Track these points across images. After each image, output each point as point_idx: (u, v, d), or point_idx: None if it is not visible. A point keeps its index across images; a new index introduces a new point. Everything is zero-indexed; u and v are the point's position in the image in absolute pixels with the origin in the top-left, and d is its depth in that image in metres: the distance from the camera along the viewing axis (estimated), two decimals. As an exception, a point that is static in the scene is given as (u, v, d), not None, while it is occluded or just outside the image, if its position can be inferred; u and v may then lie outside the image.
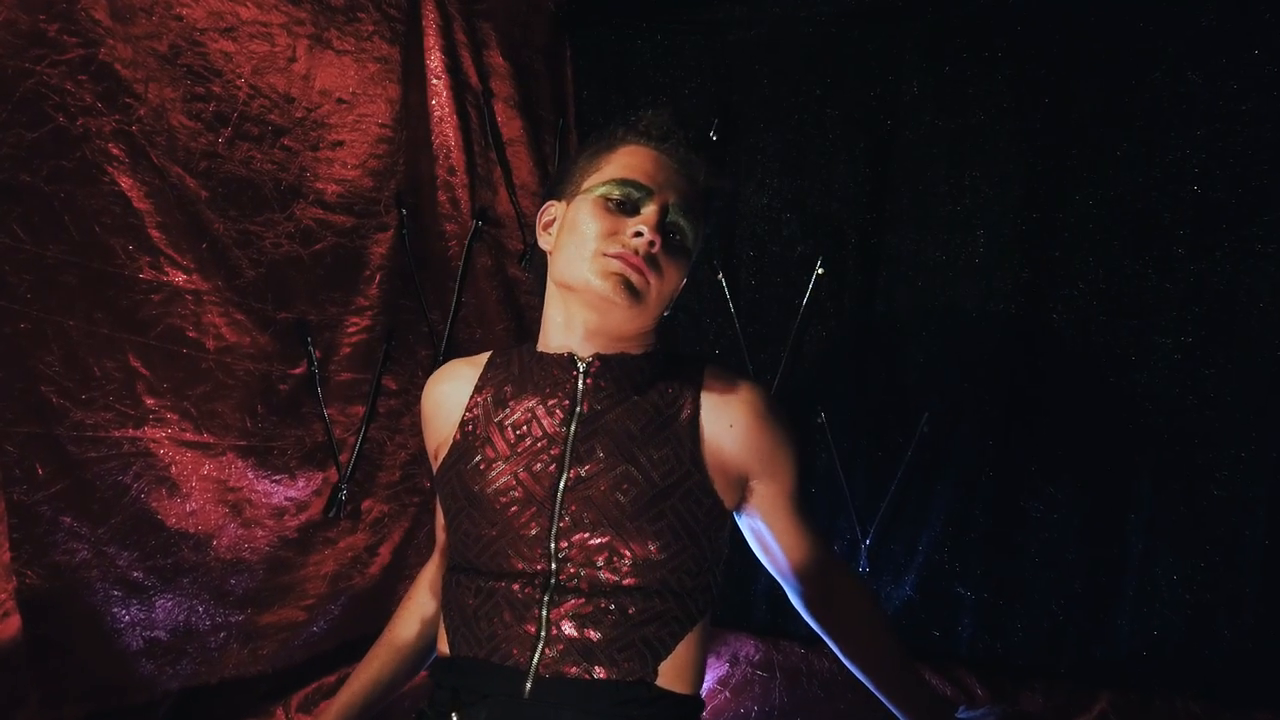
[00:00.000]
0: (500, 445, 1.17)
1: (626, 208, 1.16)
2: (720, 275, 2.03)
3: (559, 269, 1.19)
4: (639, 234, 1.12)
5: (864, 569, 1.90)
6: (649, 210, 1.15)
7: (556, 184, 1.29)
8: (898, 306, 1.91)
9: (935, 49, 1.86)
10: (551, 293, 1.24)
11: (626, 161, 1.19)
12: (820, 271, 1.94)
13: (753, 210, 2.03)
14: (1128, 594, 1.74)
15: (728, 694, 1.80)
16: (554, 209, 1.26)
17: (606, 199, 1.16)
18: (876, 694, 1.32)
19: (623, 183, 1.16)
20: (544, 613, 1.09)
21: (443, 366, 1.34)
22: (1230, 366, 1.66)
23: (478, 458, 1.18)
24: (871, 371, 1.92)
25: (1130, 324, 1.73)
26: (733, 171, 2.04)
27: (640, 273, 1.13)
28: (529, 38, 2.07)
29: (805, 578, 1.29)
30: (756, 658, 1.87)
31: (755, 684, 1.81)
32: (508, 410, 1.20)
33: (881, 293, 1.93)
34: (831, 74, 1.96)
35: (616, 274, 1.12)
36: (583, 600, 1.09)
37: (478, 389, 1.25)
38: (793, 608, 1.95)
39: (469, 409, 1.24)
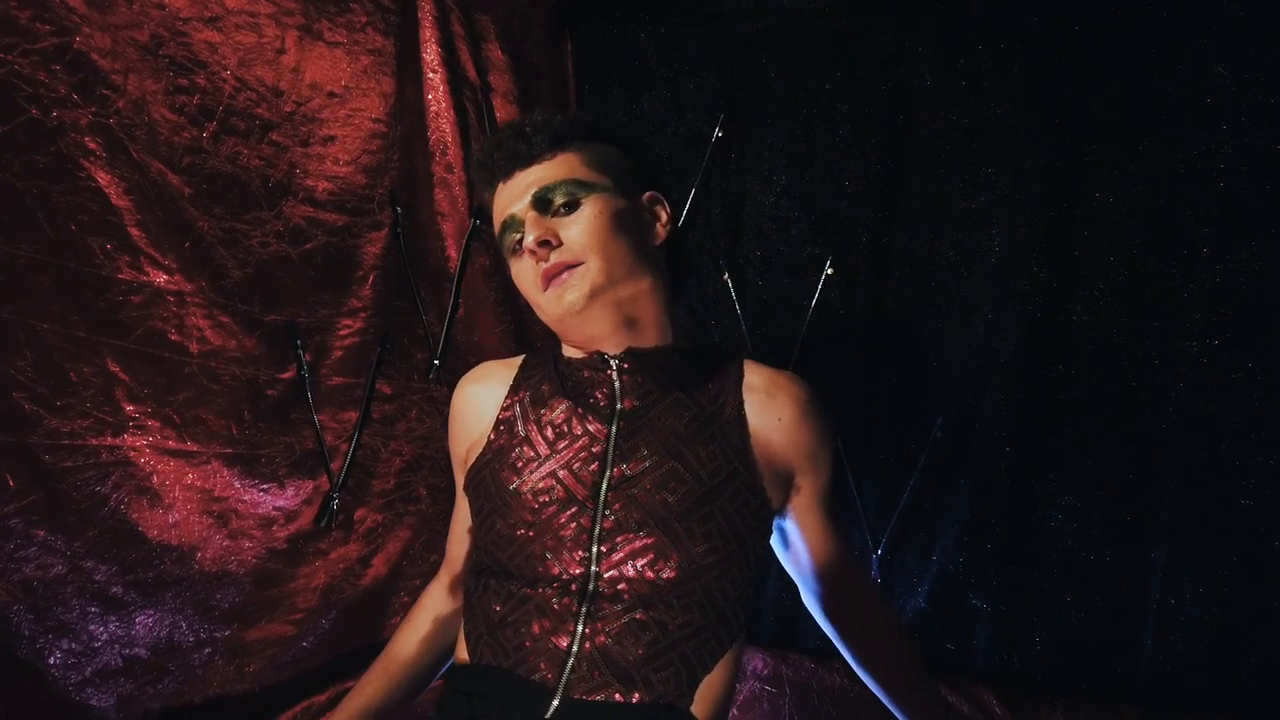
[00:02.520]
0: (539, 444, 1.14)
1: (521, 240, 1.17)
2: (726, 276, 1.96)
3: (546, 322, 1.23)
4: (531, 250, 1.13)
5: (876, 580, 1.84)
6: (526, 223, 1.15)
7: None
8: (910, 308, 1.84)
9: (949, 41, 1.79)
10: (562, 342, 1.28)
11: (494, 214, 1.24)
12: (829, 271, 1.88)
13: (760, 209, 1.97)
14: (1151, 607, 1.66)
15: (735, 710, 1.74)
16: None
17: (511, 251, 1.20)
18: (891, 708, 1.27)
19: (501, 232, 1.21)
20: (579, 626, 1.03)
21: (476, 367, 1.33)
22: (1258, 371, 1.59)
23: (514, 455, 1.14)
24: (883, 375, 1.86)
25: (1153, 326, 1.66)
26: (738, 169, 1.98)
27: (559, 268, 1.13)
28: (529, 31, 2.00)
29: (827, 582, 1.26)
30: (765, 672, 1.80)
31: (764, 700, 1.74)
32: (546, 409, 1.17)
33: (893, 293, 1.86)
34: (841, 68, 1.89)
35: (559, 294, 1.13)
36: (621, 611, 1.03)
37: (514, 388, 1.24)
38: (802, 619, 1.92)
39: (505, 408, 1.22)
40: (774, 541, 1.28)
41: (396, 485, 1.70)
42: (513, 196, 1.18)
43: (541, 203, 1.16)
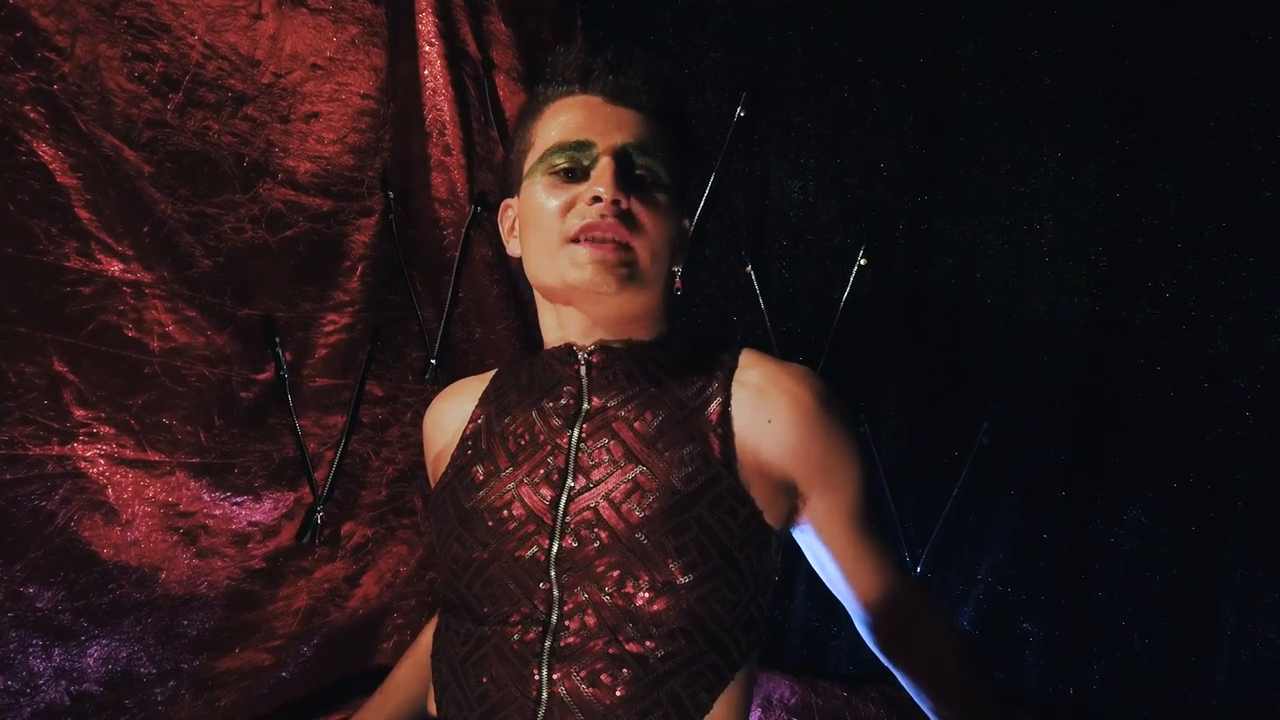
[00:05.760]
0: (501, 458, 1.01)
1: (576, 174, 1.00)
2: (749, 268, 1.82)
3: (533, 272, 1.05)
4: (597, 198, 0.95)
5: (937, 602, 1.68)
6: (601, 166, 0.97)
7: (504, 178, 1.14)
8: (952, 302, 1.69)
9: (995, 6, 1.65)
10: (538, 298, 1.10)
11: (557, 122, 1.02)
12: (862, 263, 1.73)
13: (786, 195, 1.82)
14: (1224, 633, 1.51)
15: (760, 745, 1.59)
16: (510, 208, 1.11)
17: (550, 172, 1.00)
18: None
19: (560, 149, 1.00)
20: (544, 670, 0.89)
21: (449, 385, 1.21)
22: (1349, 370, 1.43)
23: (475, 471, 1.02)
24: (922, 376, 1.71)
25: (1227, 320, 1.51)
26: (762, 152, 1.83)
27: (617, 245, 0.96)
28: (535, 3, 1.86)
29: (874, 609, 1.09)
30: (792, 701, 1.65)
31: (792, 734, 1.59)
32: (510, 418, 1.05)
33: (933, 286, 1.71)
34: (875, 39, 1.74)
35: (592, 263, 0.96)
36: (591, 646, 0.90)
37: (482, 402, 1.12)
38: (834, 643, 1.77)
39: (470, 422, 1.10)
40: (809, 558, 1.13)
41: (388, 496, 1.56)
42: (602, 119, 1.01)
43: (626, 158, 0.99)
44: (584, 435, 0.99)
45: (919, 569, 1.67)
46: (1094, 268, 1.58)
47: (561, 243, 0.98)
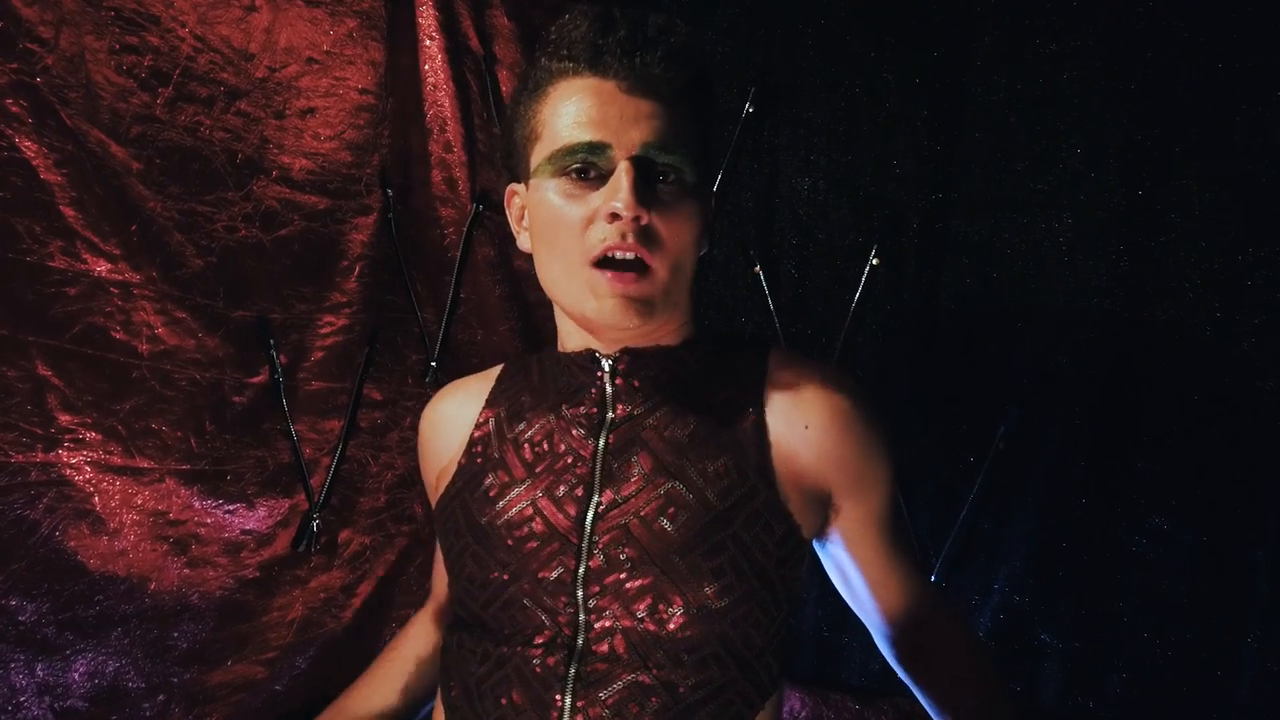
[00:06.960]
0: (516, 467, 0.96)
1: (589, 175, 0.91)
2: (758, 268, 1.77)
3: (547, 284, 0.98)
4: (615, 215, 0.87)
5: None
6: (618, 173, 0.88)
7: (505, 156, 1.04)
8: (968, 303, 1.64)
9: (1012, -1, 1.61)
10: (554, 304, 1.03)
11: (566, 112, 0.91)
12: (875, 262, 1.69)
13: (796, 193, 1.77)
14: (1251, 646, 1.46)
15: (769, 759, 1.54)
16: (518, 196, 1.02)
17: (562, 174, 0.91)
18: None
19: (570, 151, 0.90)
20: (567, 697, 0.85)
21: (447, 385, 1.13)
22: (1382, 373, 1.38)
23: (488, 482, 0.96)
24: (937, 379, 1.66)
25: (1254, 322, 1.46)
26: (772, 149, 1.78)
27: (639, 275, 0.89)
28: (539, -4, 1.83)
29: (897, 624, 1.04)
30: (803, 714, 1.61)
31: (802, 749, 1.54)
32: (525, 424, 0.99)
33: (948, 287, 1.66)
34: (888, 32, 1.69)
35: (614, 297, 0.89)
36: (618, 673, 0.85)
37: (489, 403, 1.05)
38: (845, 653, 1.72)
39: (478, 426, 1.03)
40: (829, 573, 1.08)
41: (387, 503, 1.52)
42: (616, 112, 0.90)
43: (646, 164, 0.90)
44: (610, 446, 0.94)
45: (933, 578, 1.63)
46: (1115, 267, 1.53)
47: (583, 264, 0.90)
